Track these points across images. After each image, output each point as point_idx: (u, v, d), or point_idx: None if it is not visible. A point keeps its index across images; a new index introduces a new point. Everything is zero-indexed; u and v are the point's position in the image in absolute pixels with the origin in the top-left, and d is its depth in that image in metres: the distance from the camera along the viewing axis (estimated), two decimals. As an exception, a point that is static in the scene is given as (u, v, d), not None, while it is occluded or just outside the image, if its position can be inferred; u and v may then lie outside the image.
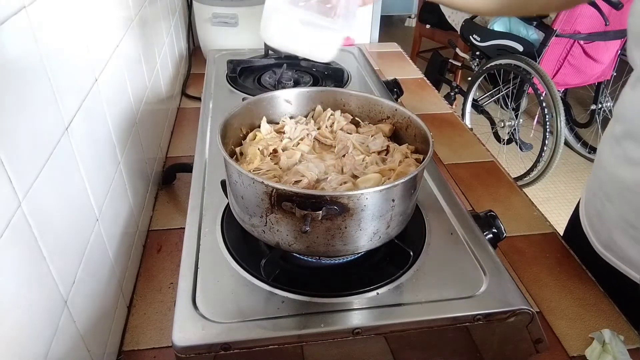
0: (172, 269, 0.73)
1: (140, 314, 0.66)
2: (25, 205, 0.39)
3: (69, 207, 0.49)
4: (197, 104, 1.19)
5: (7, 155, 0.37)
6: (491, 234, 0.63)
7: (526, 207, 0.90)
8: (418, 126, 0.62)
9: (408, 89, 1.23)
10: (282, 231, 0.51)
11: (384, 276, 0.55)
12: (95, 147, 0.58)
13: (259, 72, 1.07)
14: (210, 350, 0.47)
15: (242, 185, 0.51)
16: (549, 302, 0.70)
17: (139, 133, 0.80)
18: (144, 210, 0.80)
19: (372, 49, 1.62)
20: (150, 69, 0.91)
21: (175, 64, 1.21)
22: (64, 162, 0.48)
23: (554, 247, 0.80)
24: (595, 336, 0.64)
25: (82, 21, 0.57)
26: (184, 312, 0.50)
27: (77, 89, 0.54)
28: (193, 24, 1.44)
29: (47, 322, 0.43)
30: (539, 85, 2.18)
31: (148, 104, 0.87)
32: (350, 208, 0.48)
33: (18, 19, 0.40)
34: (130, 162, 0.73)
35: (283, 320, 0.50)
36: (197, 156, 0.75)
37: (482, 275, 0.55)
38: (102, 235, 0.58)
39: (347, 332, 0.49)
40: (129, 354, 0.61)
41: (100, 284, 0.57)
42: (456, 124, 1.18)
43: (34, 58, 0.43)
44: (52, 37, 0.47)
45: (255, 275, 0.55)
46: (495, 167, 1.02)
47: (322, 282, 0.56)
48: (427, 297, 0.53)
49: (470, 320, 0.51)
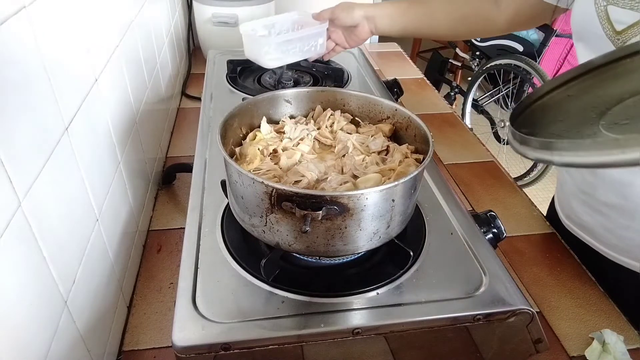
0: (172, 269, 0.73)
1: (140, 314, 0.66)
2: (25, 205, 0.39)
3: (69, 207, 0.49)
4: (197, 104, 1.19)
5: (7, 155, 0.37)
6: (491, 234, 0.63)
7: (526, 207, 0.90)
8: (418, 126, 0.62)
9: (408, 89, 1.23)
10: (282, 231, 0.51)
11: (384, 276, 0.55)
12: (95, 147, 0.58)
13: (259, 72, 1.07)
14: (210, 350, 0.47)
15: (242, 185, 0.51)
16: (549, 302, 0.70)
17: (139, 133, 0.80)
18: (144, 210, 0.80)
19: (372, 49, 1.62)
20: (150, 69, 0.91)
21: (175, 64, 1.21)
22: (64, 162, 0.48)
23: (554, 247, 0.80)
24: (595, 336, 0.64)
25: (82, 21, 0.57)
26: (184, 312, 0.50)
27: (77, 89, 0.54)
28: (193, 24, 1.44)
29: (47, 322, 0.43)
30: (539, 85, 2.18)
31: (148, 104, 0.87)
32: (350, 208, 0.48)
33: (18, 19, 0.40)
34: (130, 162, 0.73)
35: (283, 320, 0.50)
36: (197, 156, 0.75)
37: (482, 275, 0.55)
38: (102, 235, 0.58)
39: (347, 332, 0.49)
40: (129, 354, 0.61)
41: (100, 284, 0.57)
42: (456, 124, 1.18)
43: (34, 58, 0.43)
44: (52, 37, 0.47)
45: (255, 275, 0.55)
46: (495, 167, 1.02)
47: (322, 282, 0.56)
48: (427, 297, 0.53)
49: (470, 320, 0.51)
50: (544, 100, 0.47)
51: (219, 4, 1.29)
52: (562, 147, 0.36)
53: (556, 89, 0.47)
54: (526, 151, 0.39)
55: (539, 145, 0.38)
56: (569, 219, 0.77)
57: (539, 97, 0.47)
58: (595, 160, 0.33)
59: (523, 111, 0.46)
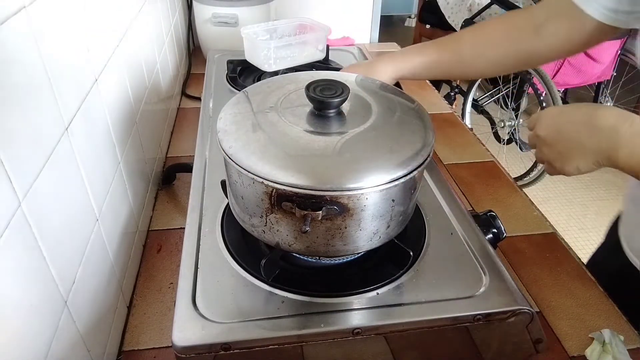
0: (172, 269, 0.73)
1: (140, 314, 0.66)
2: (25, 205, 0.39)
3: (69, 207, 0.49)
4: (197, 104, 1.19)
5: (7, 155, 0.37)
6: (491, 234, 0.63)
7: (526, 207, 0.90)
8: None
9: (408, 89, 1.23)
10: (282, 231, 0.51)
11: (384, 276, 0.55)
12: (95, 147, 0.58)
13: (259, 72, 1.07)
14: (210, 350, 0.47)
15: (242, 185, 0.51)
16: (549, 302, 0.70)
17: (139, 133, 0.80)
18: (144, 210, 0.80)
19: (372, 49, 1.62)
20: (150, 69, 0.91)
21: (175, 64, 1.21)
22: (64, 162, 0.48)
23: (554, 247, 0.80)
24: (595, 336, 0.64)
25: (82, 21, 0.57)
26: (184, 312, 0.50)
27: (77, 89, 0.54)
28: (193, 24, 1.44)
29: (47, 322, 0.43)
30: (539, 85, 2.18)
31: (148, 104, 0.87)
32: (350, 208, 0.48)
33: (18, 19, 0.40)
34: (130, 162, 0.73)
35: (283, 320, 0.50)
36: (197, 156, 0.75)
37: (482, 275, 0.55)
38: (102, 235, 0.58)
39: (347, 332, 0.49)
40: (129, 354, 0.61)
41: (100, 284, 0.57)
42: (456, 124, 1.18)
43: (33, 58, 0.43)
44: (52, 37, 0.47)
45: (255, 275, 0.55)
46: (495, 167, 1.02)
47: (322, 282, 0.56)
48: (427, 297, 0.53)
49: (470, 320, 0.51)
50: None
51: (219, 4, 1.29)
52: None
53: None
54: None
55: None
56: (634, 252, 0.70)
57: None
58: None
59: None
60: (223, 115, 0.56)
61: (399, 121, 0.56)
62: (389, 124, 0.55)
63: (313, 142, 0.51)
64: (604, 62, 2.32)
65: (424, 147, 0.52)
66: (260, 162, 0.48)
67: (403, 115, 0.57)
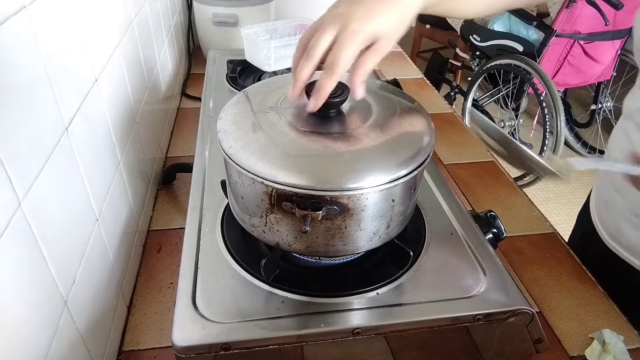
0: (172, 269, 0.73)
1: (140, 314, 0.66)
2: (25, 205, 0.39)
3: (69, 207, 0.49)
4: (197, 104, 1.19)
5: (7, 155, 0.37)
6: (491, 234, 0.63)
7: (526, 207, 0.90)
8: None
9: (408, 89, 1.23)
10: (282, 231, 0.51)
11: (384, 276, 0.55)
12: (95, 147, 0.58)
13: (259, 72, 1.07)
14: (210, 350, 0.47)
15: (242, 185, 0.51)
16: (549, 302, 0.70)
17: (139, 133, 0.80)
18: (144, 210, 0.80)
19: (372, 49, 1.61)
20: (150, 69, 0.91)
21: (175, 64, 1.21)
22: (64, 162, 0.48)
23: (554, 247, 0.80)
24: (595, 336, 0.64)
25: (82, 21, 0.57)
26: (184, 312, 0.50)
27: (77, 89, 0.54)
28: (193, 24, 1.44)
29: (47, 322, 0.43)
30: (539, 85, 2.18)
31: (148, 103, 0.87)
32: (350, 208, 0.48)
33: (18, 19, 0.40)
34: (130, 162, 0.73)
35: (283, 320, 0.50)
36: (197, 156, 0.75)
37: (482, 275, 0.55)
38: (102, 235, 0.58)
39: (347, 332, 0.49)
40: (129, 354, 0.61)
41: (100, 284, 0.57)
42: (456, 124, 1.18)
43: (33, 58, 0.43)
44: (52, 37, 0.47)
45: (255, 275, 0.55)
46: (495, 167, 1.02)
47: (322, 282, 0.56)
48: (427, 297, 0.53)
49: (470, 320, 0.51)
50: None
51: (219, 4, 1.29)
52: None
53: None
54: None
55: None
56: (614, 239, 0.73)
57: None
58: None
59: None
60: (223, 115, 0.56)
61: (399, 121, 0.56)
62: (389, 124, 0.55)
63: (313, 142, 0.51)
64: (604, 62, 2.32)
65: (424, 147, 0.52)
66: (260, 162, 0.48)
67: (403, 115, 0.57)
